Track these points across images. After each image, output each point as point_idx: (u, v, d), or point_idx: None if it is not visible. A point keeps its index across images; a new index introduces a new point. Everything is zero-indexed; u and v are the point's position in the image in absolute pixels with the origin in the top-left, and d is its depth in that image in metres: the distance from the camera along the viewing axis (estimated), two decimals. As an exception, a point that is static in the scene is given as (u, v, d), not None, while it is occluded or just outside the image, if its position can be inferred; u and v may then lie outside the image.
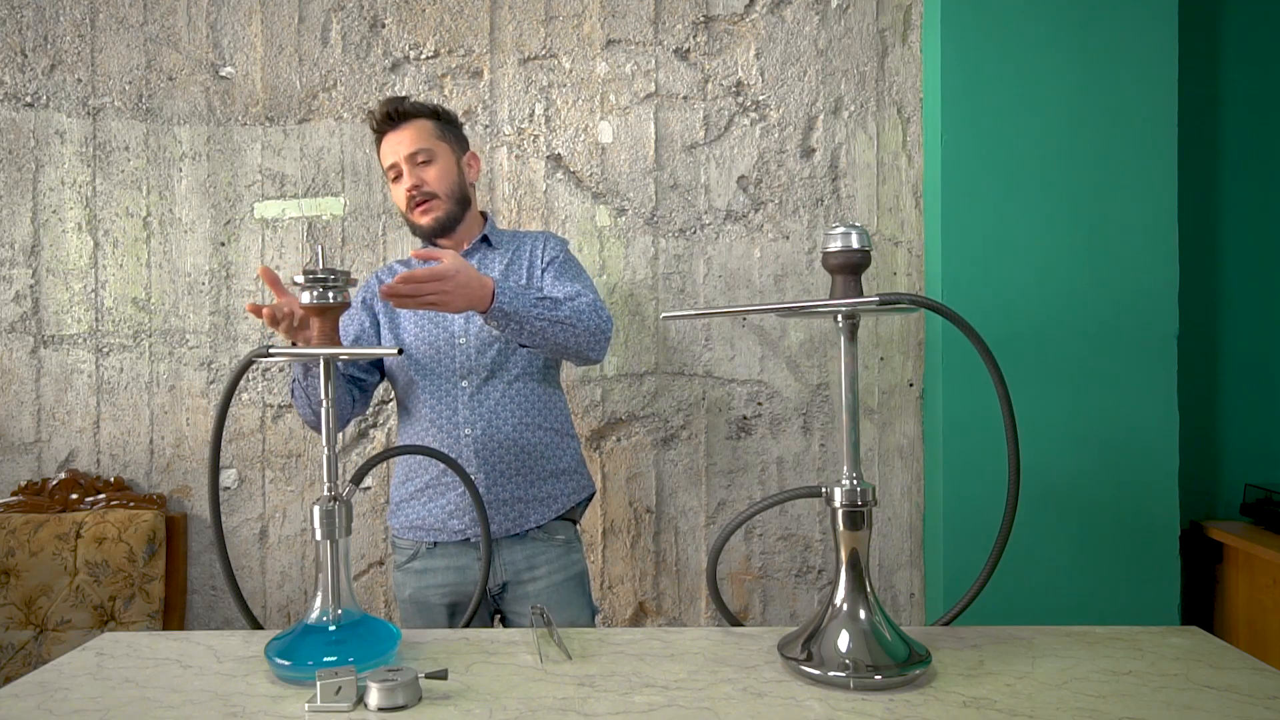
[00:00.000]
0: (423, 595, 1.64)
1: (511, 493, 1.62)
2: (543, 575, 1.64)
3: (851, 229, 1.08)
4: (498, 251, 1.73)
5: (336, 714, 0.94)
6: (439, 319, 1.66)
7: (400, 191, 1.68)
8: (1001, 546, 1.14)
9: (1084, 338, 2.02)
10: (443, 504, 1.62)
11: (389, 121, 1.67)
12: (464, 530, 1.62)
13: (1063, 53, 2.02)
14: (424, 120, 1.68)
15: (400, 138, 1.66)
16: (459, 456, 1.61)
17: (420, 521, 1.64)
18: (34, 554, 2.08)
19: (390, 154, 1.67)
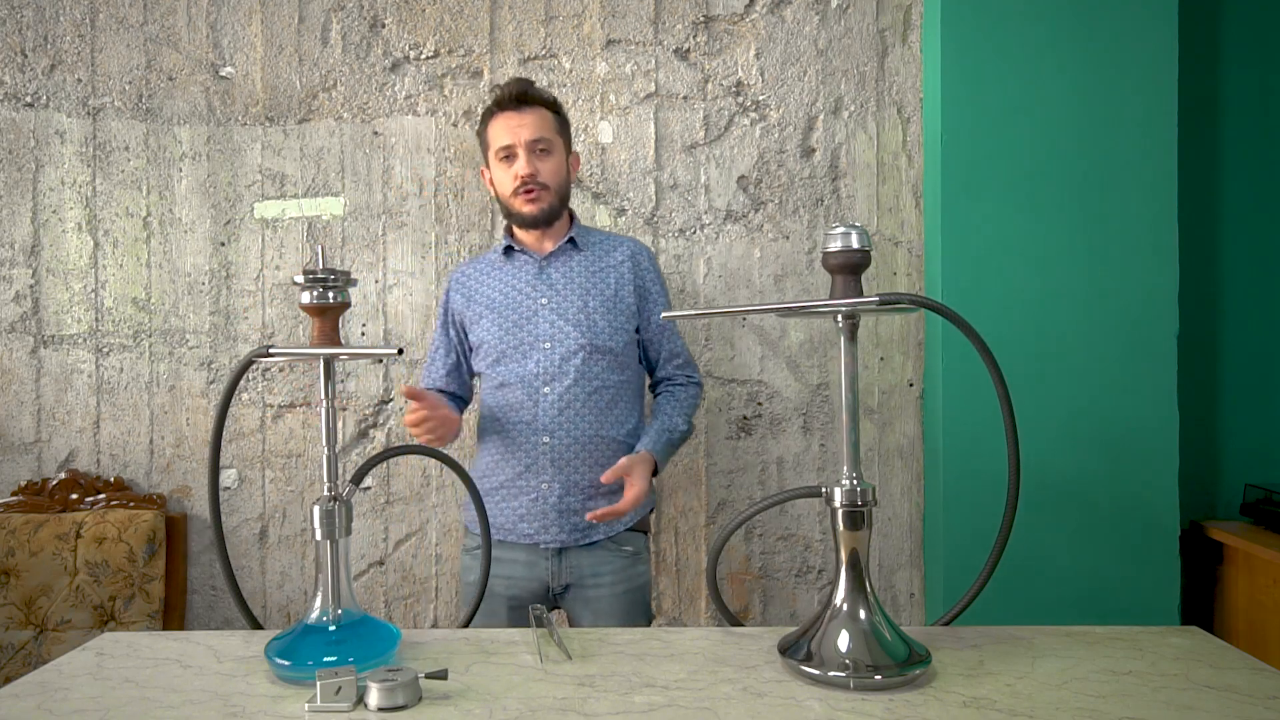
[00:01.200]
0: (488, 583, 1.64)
1: (583, 503, 1.63)
2: (606, 584, 1.65)
3: (851, 229, 1.08)
4: (583, 254, 1.73)
5: (336, 714, 0.94)
6: (525, 323, 1.67)
7: (507, 174, 1.66)
8: (1001, 546, 1.14)
9: (1084, 337, 2.01)
10: (515, 506, 1.64)
11: (514, 102, 1.65)
12: (533, 535, 1.64)
13: (1063, 53, 2.02)
14: (546, 110, 1.67)
15: (523, 120, 1.64)
16: (534, 463, 1.63)
17: (491, 520, 1.65)
18: (34, 554, 2.08)
19: (507, 134, 1.64)
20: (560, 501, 1.62)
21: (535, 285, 1.69)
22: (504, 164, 1.66)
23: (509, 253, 1.74)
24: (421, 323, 2.22)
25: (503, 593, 1.65)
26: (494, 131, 1.67)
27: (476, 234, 2.22)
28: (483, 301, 1.72)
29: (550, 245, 1.73)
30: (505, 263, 1.74)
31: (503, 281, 1.72)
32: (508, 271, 1.73)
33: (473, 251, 2.22)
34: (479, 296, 1.74)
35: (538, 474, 1.63)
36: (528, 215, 1.67)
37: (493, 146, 1.67)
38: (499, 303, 1.70)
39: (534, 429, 1.63)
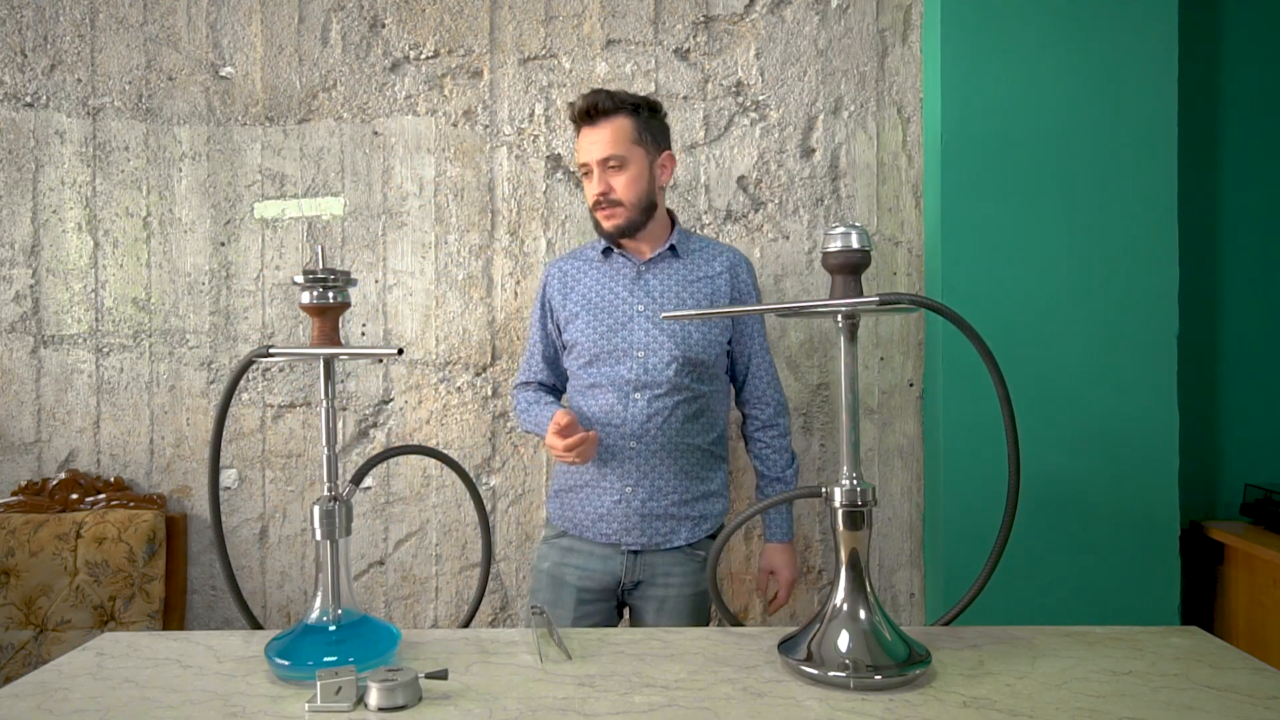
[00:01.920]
0: (560, 571, 1.70)
1: (665, 509, 1.66)
2: (676, 585, 1.68)
3: (851, 229, 1.08)
4: (682, 262, 1.74)
5: (336, 714, 0.94)
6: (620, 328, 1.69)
7: (588, 190, 1.69)
8: (1001, 546, 1.14)
9: (1084, 338, 2.01)
10: (596, 506, 1.67)
11: (587, 118, 1.66)
12: (611, 535, 1.67)
13: (1063, 53, 2.02)
14: (624, 119, 1.66)
15: (596, 137, 1.65)
16: (621, 465, 1.66)
17: (572, 515, 1.71)
18: (34, 554, 2.08)
19: (584, 152, 1.67)
20: (643, 506, 1.65)
21: (632, 290, 1.71)
22: (586, 179, 1.69)
23: (608, 253, 1.75)
24: (421, 323, 2.23)
25: (574, 583, 1.69)
26: (577, 146, 1.70)
27: (476, 234, 2.22)
28: (579, 300, 1.73)
29: (649, 250, 1.73)
30: (603, 263, 1.75)
31: (599, 283, 1.73)
32: (605, 273, 1.74)
33: (473, 251, 2.22)
34: (575, 294, 1.74)
35: (623, 477, 1.66)
36: (606, 230, 1.69)
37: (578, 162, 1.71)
38: (595, 304, 1.71)
39: (622, 433, 1.65)
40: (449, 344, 2.22)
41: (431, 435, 2.22)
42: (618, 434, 1.66)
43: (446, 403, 2.22)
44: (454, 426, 2.22)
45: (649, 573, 1.68)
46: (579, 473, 1.70)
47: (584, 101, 1.66)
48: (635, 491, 1.65)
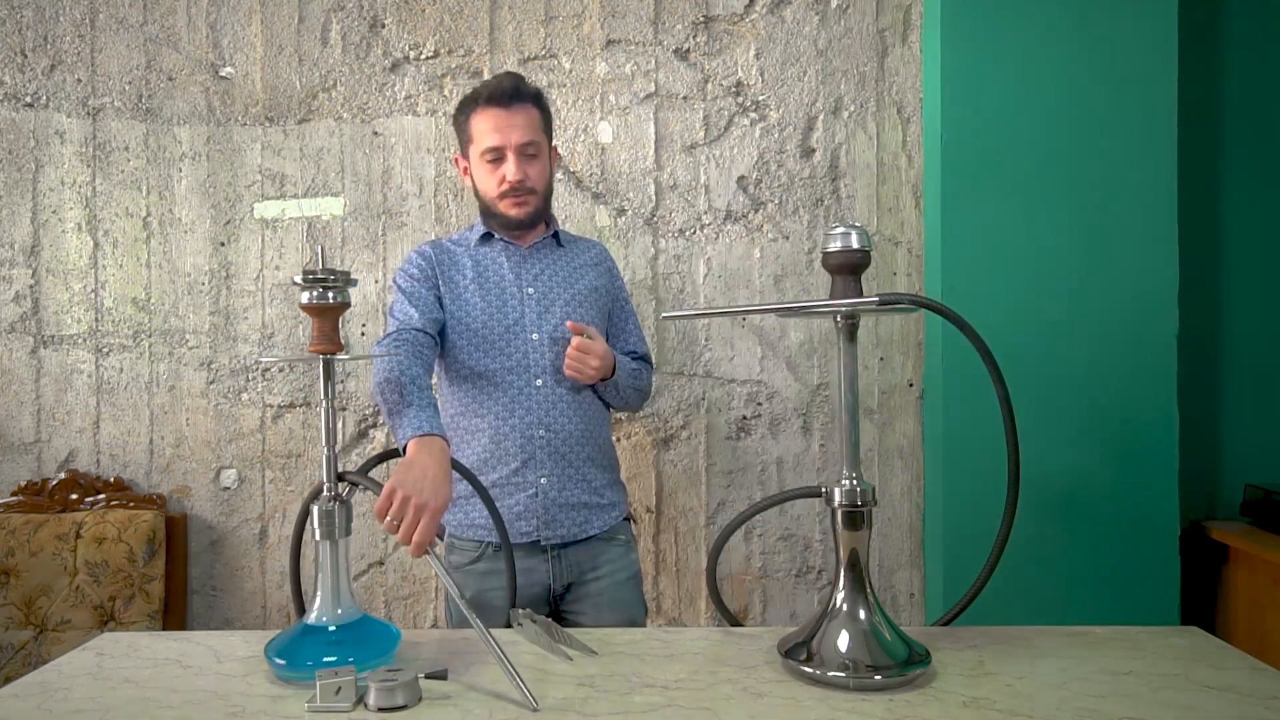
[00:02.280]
0: (485, 598, 1.57)
1: (579, 498, 1.60)
2: (605, 575, 1.62)
3: (851, 229, 1.08)
4: (563, 250, 1.70)
5: (336, 714, 0.94)
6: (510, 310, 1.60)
7: (493, 176, 1.59)
8: (1001, 547, 1.14)
9: (1084, 338, 2.01)
10: (510, 504, 1.56)
11: (503, 100, 1.57)
12: (532, 533, 1.57)
13: (1063, 53, 2.02)
14: (534, 109, 1.61)
15: (513, 121, 1.57)
16: (531, 456, 1.57)
17: (483, 521, 1.58)
18: (34, 554, 2.08)
19: (497, 135, 1.57)
20: (560, 495, 1.58)
21: (519, 274, 1.64)
22: (490, 165, 1.60)
23: (487, 239, 1.67)
24: (421, 323, 2.22)
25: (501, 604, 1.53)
26: (479, 127, 1.59)
27: (476, 234, 2.22)
28: (469, 277, 1.62)
29: (532, 238, 1.67)
30: (484, 247, 1.66)
31: (484, 264, 1.64)
32: (488, 255, 1.65)
33: (473, 251, 2.22)
34: (461, 273, 1.63)
35: (536, 468, 1.57)
36: (513, 219, 1.61)
37: (478, 143, 1.60)
38: (484, 283, 1.62)
39: (528, 422, 1.57)
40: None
41: (431, 435, 2.22)
42: (524, 423, 1.57)
43: (446, 403, 2.22)
44: (454, 426, 2.22)
45: (576, 571, 1.61)
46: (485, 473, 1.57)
47: (505, 81, 1.58)
48: (550, 482, 1.57)
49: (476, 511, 1.59)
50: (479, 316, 1.59)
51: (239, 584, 2.24)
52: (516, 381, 1.58)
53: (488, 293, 1.61)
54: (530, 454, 1.57)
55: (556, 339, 1.60)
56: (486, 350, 1.59)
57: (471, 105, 1.61)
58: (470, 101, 1.62)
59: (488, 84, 1.61)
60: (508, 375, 1.58)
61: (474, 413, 1.60)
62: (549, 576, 1.60)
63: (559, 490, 1.58)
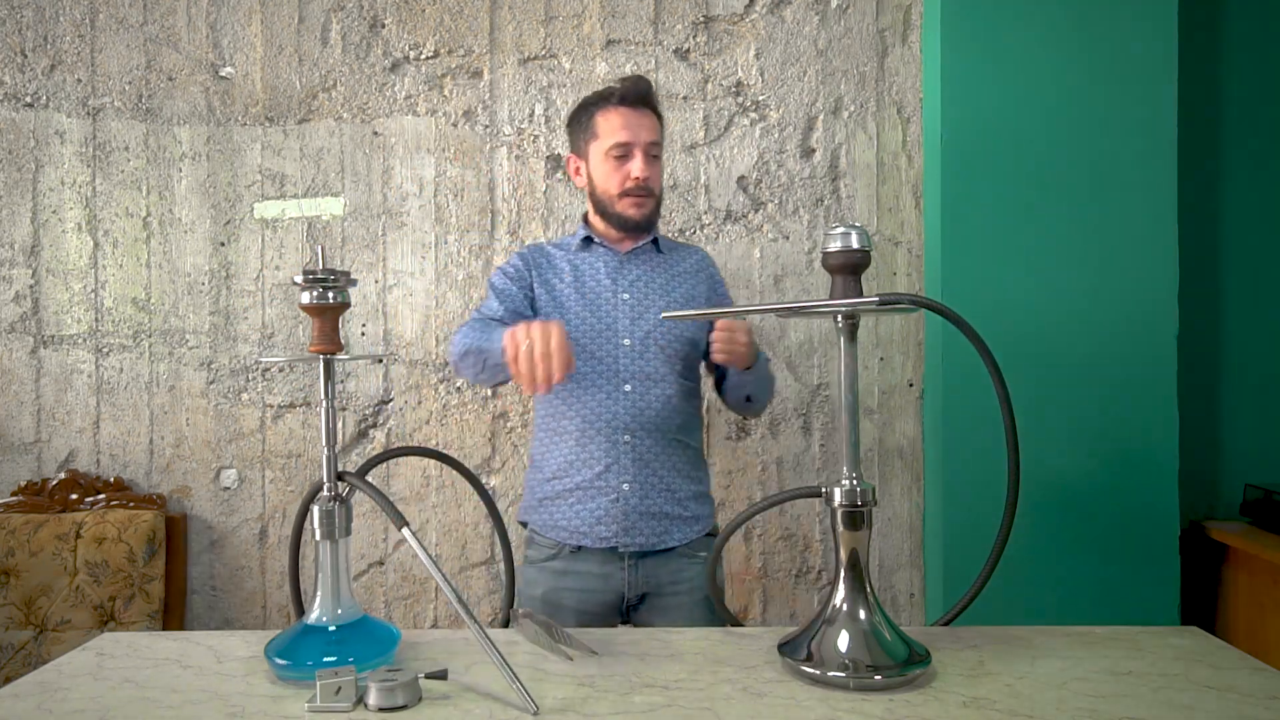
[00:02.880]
0: (556, 596, 1.59)
1: (660, 507, 1.59)
2: (684, 592, 1.60)
3: (851, 229, 1.08)
4: (663, 257, 1.70)
5: (336, 714, 0.94)
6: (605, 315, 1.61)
7: (616, 172, 1.59)
8: (1001, 546, 1.14)
9: (1084, 338, 2.01)
10: (592, 508, 1.57)
11: (636, 102, 1.59)
12: (611, 539, 1.57)
13: (1063, 53, 2.01)
14: (657, 118, 1.64)
15: (643, 122, 1.59)
16: (615, 461, 1.57)
17: (566, 523, 1.59)
18: (34, 554, 2.08)
19: (626, 132, 1.57)
20: (642, 503, 1.57)
21: (616, 279, 1.64)
22: (615, 161, 1.59)
23: (588, 244, 1.68)
24: (421, 323, 2.22)
25: (572, 606, 1.58)
26: (607, 124, 1.59)
27: (476, 234, 2.22)
28: (562, 282, 1.65)
29: (630, 244, 1.67)
30: (584, 252, 1.67)
31: (581, 269, 1.66)
32: (586, 260, 1.67)
33: (473, 251, 2.22)
34: (558, 276, 1.66)
35: (619, 474, 1.57)
36: (631, 219, 1.61)
37: (603, 139, 1.59)
38: (579, 288, 1.64)
39: (614, 427, 1.58)
40: (449, 344, 2.22)
41: (431, 435, 2.22)
42: (609, 428, 1.58)
43: (446, 403, 2.22)
44: (454, 426, 2.22)
45: (654, 583, 1.59)
46: (568, 476, 1.60)
47: (638, 85, 1.60)
48: (633, 488, 1.57)
49: (560, 514, 1.61)
50: (572, 320, 1.61)
51: (239, 584, 2.24)
52: (605, 386, 1.59)
53: (583, 296, 1.63)
54: (614, 459, 1.57)
55: (648, 345, 1.60)
56: (578, 354, 1.58)
57: (600, 103, 1.62)
58: (599, 99, 1.63)
59: (620, 84, 1.62)
60: (597, 379, 1.59)
61: (562, 414, 1.62)
62: (624, 585, 1.59)
63: (640, 498, 1.57)
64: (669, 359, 1.62)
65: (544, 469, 1.65)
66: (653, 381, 1.60)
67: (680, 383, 1.64)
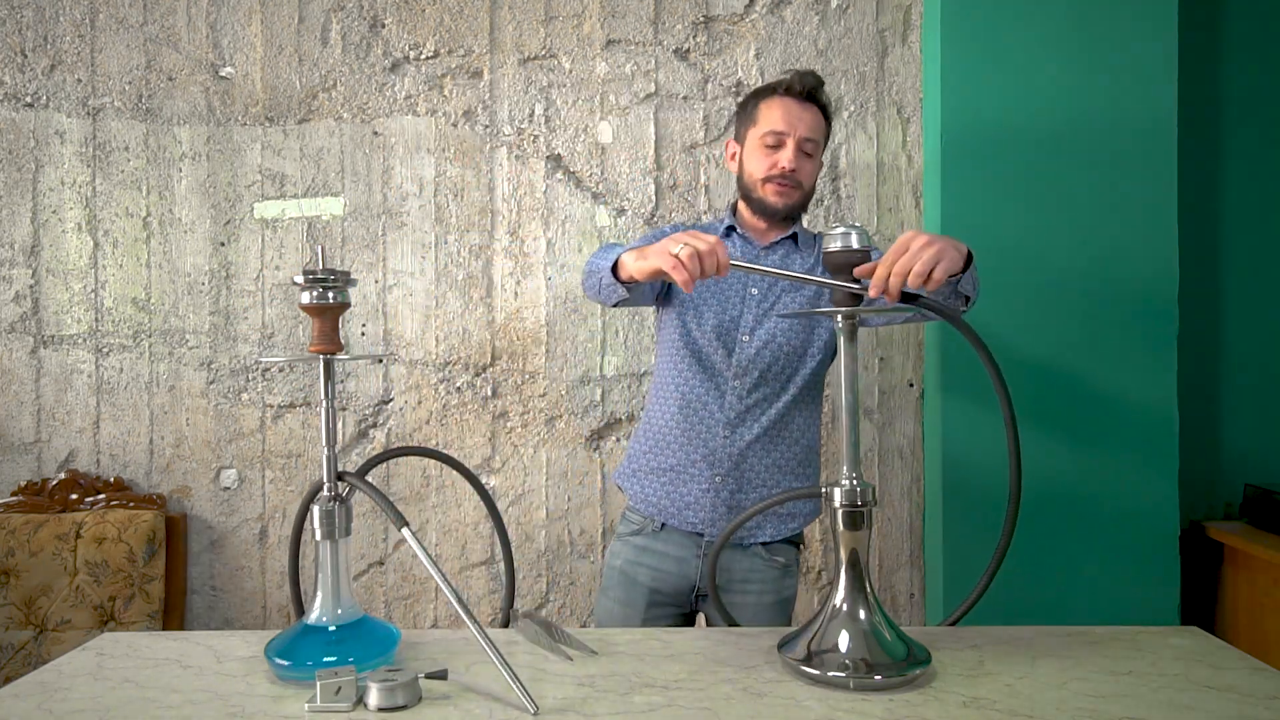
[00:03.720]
0: (633, 570, 1.63)
1: (754, 502, 1.59)
2: (754, 593, 1.60)
3: (851, 229, 1.08)
4: (800, 253, 1.68)
5: (336, 714, 0.94)
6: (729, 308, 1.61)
7: (766, 159, 1.60)
8: (1005, 546, 1.13)
9: (1084, 337, 2.01)
10: (684, 492, 1.60)
11: (801, 95, 1.59)
12: (697, 525, 1.59)
13: (1063, 52, 2.01)
14: (822, 116, 1.63)
15: (803, 115, 1.59)
16: (712, 453, 1.59)
17: (659, 499, 1.62)
18: (34, 554, 2.08)
19: (784, 122, 1.58)
20: (732, 497, 1.59)
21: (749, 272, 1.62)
22: (767, 149, 1.60)
23: (729, 233, 1.69)
24: (421, 323, 2.23)
25: (646, 583, 1.62)
26: (768, 112, 1.60)
27: (476, 234, 2.22)
28: None
29: (773, 236, 1.67)
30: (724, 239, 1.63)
31: None
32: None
33: (473, 251, 2.22)
34: None
35: (715, 465, 1.59)
36: (772, 206, 1.61)
37: (761, 126, 1.60)
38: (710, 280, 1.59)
39: (717, 420, 1.59)
40: (449, 344, 2.22)
41: (431, 435, 2.22)
42: (713, 420, 1.59)
43: (446, 403, 2.22)
44: (454, 426, 2.22)
45: (725, 578, 1.60)
46: (668, 454, 1.62)
47: (807, 79, 1.60)
48: (726, 481, 1.59)
49: (652, 490, 1.63)
50: (698, 305, 1.62)
51: (239, 584, 2.24)
52: (716, 376, 1.60)
53: (714, 284, 1.62)
54: (711, 450, 1.59)
55: (767, 343, 1.59)
56: (698, 337, 1.61)
57: (769, 92, 1.63)
58: (768, 89, 1.63)
59: (790, 76, 1.62)
60: (710, 366, 1.60)
61: (673, 383, 1.64)
62: (696, 573, 1.61)
63: (731, 492, 1.59)
64: (786, 356, 1.60)
65: (644, 440, 1.67)
66: (764, 380, 1.59)
67: (795, 382, 1.62)
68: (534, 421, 2.21)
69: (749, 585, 1.60)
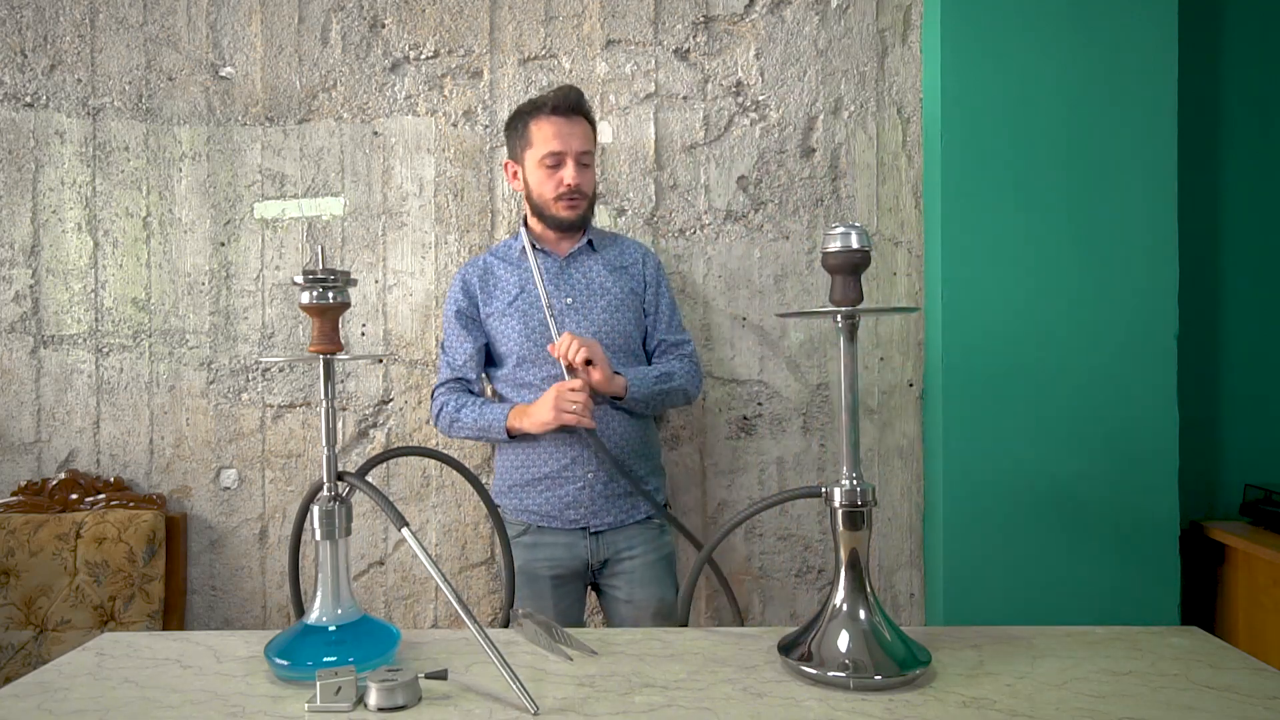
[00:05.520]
0: (531, 567, 1.75)
1: (625, 488, 1.74)
2: (639, 555, 1.76)
3: (851, 229, 1.08)
4: (599, 255, 1.82)
5: (336, 714, 0.94)
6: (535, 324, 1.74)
7: (550, 180, 1.72)
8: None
9: (1084, 337, 2.01)
10: (561, 494, 1.73)
11: (568, 111, 1.71)
12: (580, 520, 1.73)
13: (1063, 53, 2.02)
14: (588, 125, 1.76)
15: (574, 131, 1.71)
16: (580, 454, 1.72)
17: (535, 508, 1.75)
18: (34, 554, 2.08)
19: (560, 141, 1.70)
20: (606, 489, 1.73)
21: (558, 284, 1.77)
22: (548, 170, 1.72)
23: (528, 250, 1.79)
24: (421, 323, 2.22)
25: (547, 574, 1.75)
26: (540, 134, 1.71)
27: (476, 234, 2.22)
28: (503, 300, 1.78)
29: (568, 246, 1.80)
30: (524, 260, 1.80)
31: (522, 280, 1.78)
32: (526, 269, 1.78)
33: (473, 251, 2.22)
34: (499, 293, 1.79)
35: (584, 464, 1.72)
36: (565, 219, 1.74)
37: (537, 148, 1.72)
38: (522, 303, 1.77)
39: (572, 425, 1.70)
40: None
41: (431, 435, 2.22)
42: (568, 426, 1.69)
43: (446, 403, 2.22)
44: (454, 426, 2.22)
45: (612, 550, 1.75)
46: (538, 465, 1.74)
47: (569, 94, 1.72)
48: (598, 475, 1.72)
49: (530, 500, 1.76)
50: (517, 335, 1.75)
51: (239, 584, 2.24)
52: None
53: (526, 311, 1.75)
54: (578, 452, 1.72)
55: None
56: (524, 365, 1.75)
57: (534, 112, 1.74)
58: (533, 109, 1.74)
59: (552, 94, 1.73)
60: (545, 384, 1.73)
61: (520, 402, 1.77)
62: (587, 553, 1.75)
63: (604, 483, 1.73)
64: (614, 354, 1.74)
65: (508, 460, 1.79)
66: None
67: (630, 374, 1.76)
68: (534, 421, 2.21)
69: (634, 550, 1.76)
